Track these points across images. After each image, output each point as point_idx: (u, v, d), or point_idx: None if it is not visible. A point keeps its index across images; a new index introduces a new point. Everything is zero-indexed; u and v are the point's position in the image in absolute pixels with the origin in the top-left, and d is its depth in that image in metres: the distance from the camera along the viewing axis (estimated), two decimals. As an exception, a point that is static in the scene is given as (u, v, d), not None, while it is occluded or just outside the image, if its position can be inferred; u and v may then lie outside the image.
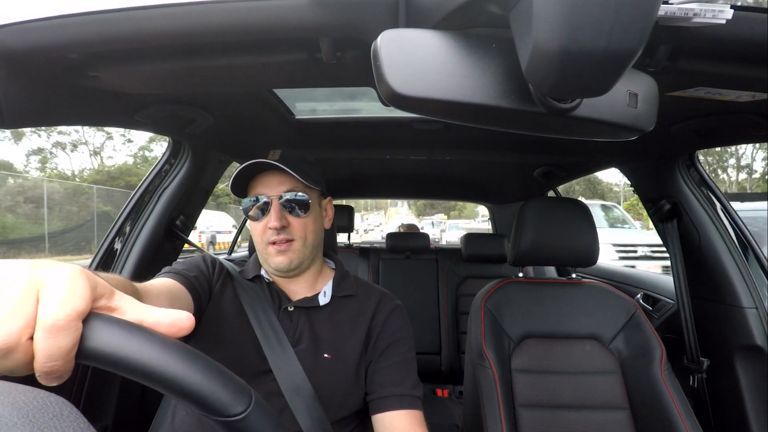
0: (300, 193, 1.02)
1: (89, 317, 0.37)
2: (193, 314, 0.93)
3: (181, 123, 1.35)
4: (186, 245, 1.80)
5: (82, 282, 0.38)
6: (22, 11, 0.72)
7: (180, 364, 0.38)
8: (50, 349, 0.34)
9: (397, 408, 0.98)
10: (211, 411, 0.39)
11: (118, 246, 1.53)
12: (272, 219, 0.99)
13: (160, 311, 0.41)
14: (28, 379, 0.35)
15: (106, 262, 1.50)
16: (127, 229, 1.56)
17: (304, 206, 1.03)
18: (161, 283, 0.87)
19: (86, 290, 0.38)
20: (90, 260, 1.54)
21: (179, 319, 0.41)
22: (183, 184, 1.63)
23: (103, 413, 1.43)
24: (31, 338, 0.35)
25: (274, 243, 1.01)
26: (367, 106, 1.63)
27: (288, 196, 1.01)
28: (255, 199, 1.02)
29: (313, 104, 1.62)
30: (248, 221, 1.08)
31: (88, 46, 0.77)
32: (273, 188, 1.02)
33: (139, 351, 0.37)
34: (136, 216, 1.58)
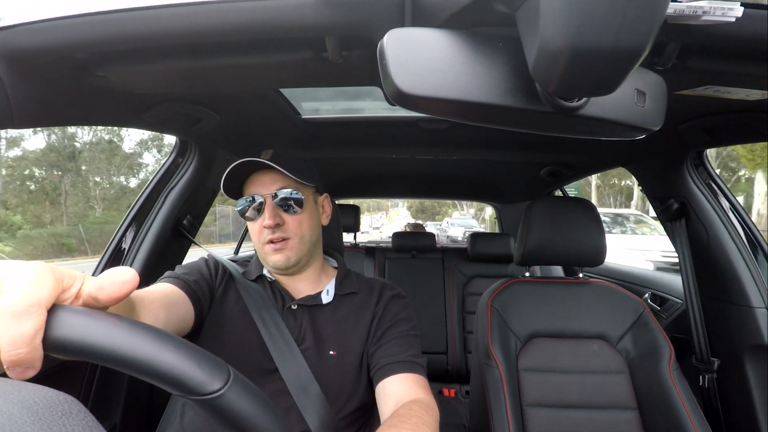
0: (293, 191, 1.02)
1: (55, 308, 0.38)
2: (194, 318, 0.93)
3: (188, 122, 1.35)
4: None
5: (46, 274, 0.39)
6: (30, 11, 0.73)
7: (148, 346, 0.38)
8: (12, 335, 0.35)
9: (396, 372, 0.96)
10: (186, 390, 0.39)
11: (125, 245, 1.54)
12: (266, 218, 1.00)
13: (101, 276, 0.43)
14: (38, 378, 0.36)
15: (114, 261, 1.51)
16: (135, 228, 1.57)
17: (297, 203, 1.03)
18: (158, 289, 0.87)
19: (50, 281, 0.38)
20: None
21: (118, 274, 0.42)
22: (190, 184, 1.64)
23: (112, 411, 1.44)
24: None
25: (271, 242, 1.01)
26: (372, 106, 1.63)
27: (281, 194, 1.02)
28: (250, 199, 1.03)
29: (319, 104, 1.62)
30: (247, 222, 1.08)
31: (96, 46, 0.78)
32: (266, 187, 1.02)
33: (106, 336, 0.37)
34: (144, 215, 1.58)
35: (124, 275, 0.42)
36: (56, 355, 0.37)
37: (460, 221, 24.05)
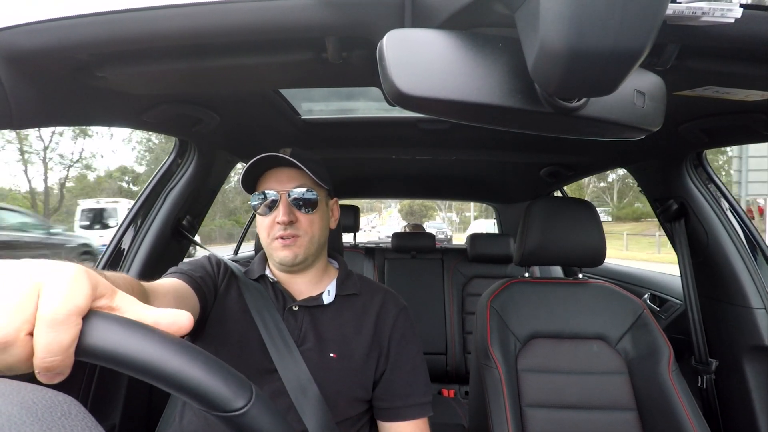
0: (309, 190, 1.02)
1: (89, 315, 0.38)
2: (199, 314, 0.94)
3: (188, 123, 1.35)
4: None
5: (84, 280, 0.38)
6: (30, 12, 0.73)
7: (179, 360, 0.38)
8: (50, 343, 0.35)
9: (406, 418, 1.01)
10: (212, 406, 0.39)
11: (125, 245, 1.54)
12: (280, 214, 1.00)
13: (159, 311, 0.42)
14: (36, 378, 0.36)
15: (113, 262, 1.51)
16: (135, 228, 1.57)
17: (312, 203, 1.03)
18: (168, 283, 0.87)
19: (87, 288, 0.38)
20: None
21: (178, 319, 0.42)
22: (189, 184, 1.64)
23: (111, 412, 1.44)
24: (31, 334, 0.36)
25: (280, 238, 1.01)
26: (372, 106, 1.63)
27: (297, 192, 1.02)
28: (264, 194, 1.03)
29: (318, 104, 1.62)
30: (256, 216, 1.08)
31: (96, 46, 0.78)
32: (282, 184, 1.02)
33: (139, 347, 0.37)
34: (144, 216, 1.58)
35: (184, 321, 0.42)
36: (85, 360, 0.37)
37: (433, 224, 31.95)
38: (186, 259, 1.35)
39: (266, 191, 1.03)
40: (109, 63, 0.87)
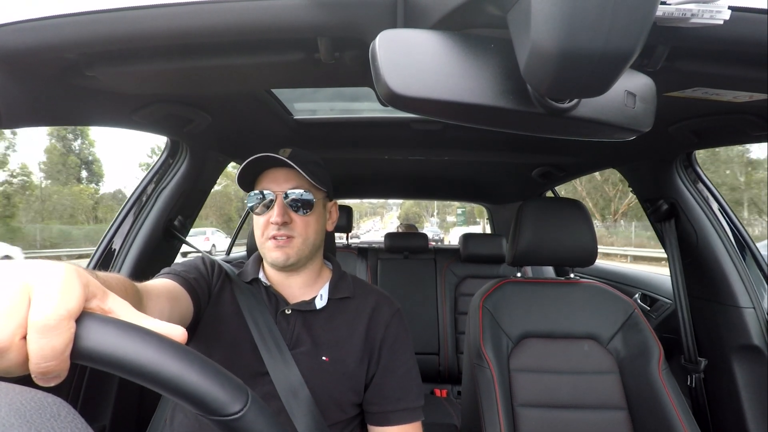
0: (305, 192, 1.02)
1: (84, 317, 0.37)
2: (192, 316, 0.93)
3: (179, 123, 1.34)
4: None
5: (75, 281, 0.38)
6: (18, 11, 0.72)
7: (176, 364, 0.38)
8: (43, 349, 0.34)
9: (398, 423, 1.01)
10: (208, 410, 0.39)
11: (116, 246, 1.53)
12: (275, 214, 0.99)
13: (153, 322, 0.42)
14: (26, 379, 0.35)
15: (104, 262, 1.50)
16: (126, 229, 1.55)
17: (308, 205, 1.02)
18: (162, 283, 0.87)
19: (78, 290, 0.38)
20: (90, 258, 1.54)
21: (171, 333, 0.42)
22: (181, 185, 1.63)
23: (101, 414, 1.42)
24: (25, 338, 0.35)
25: (274, 238, 1.01)
26: (365, 107, 1.63)
27: (294, 193, 1.01)
28: (260, 194, 1.02)
29: (311, 104, 1.62)
30: (252, 215, 1.08)
31: (85, 46, 0.77)
32: (279, 184, 1.02)
33: (135, 350, 0.37)
34: (135, 216, 1.57)
35: (178, 337, 0.42)
36: (81, 363, 0.37)
37: (430, 229, 34.75)
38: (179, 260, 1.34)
39: (263, 191, 1.02)
40: (99, 62, 0.86)
